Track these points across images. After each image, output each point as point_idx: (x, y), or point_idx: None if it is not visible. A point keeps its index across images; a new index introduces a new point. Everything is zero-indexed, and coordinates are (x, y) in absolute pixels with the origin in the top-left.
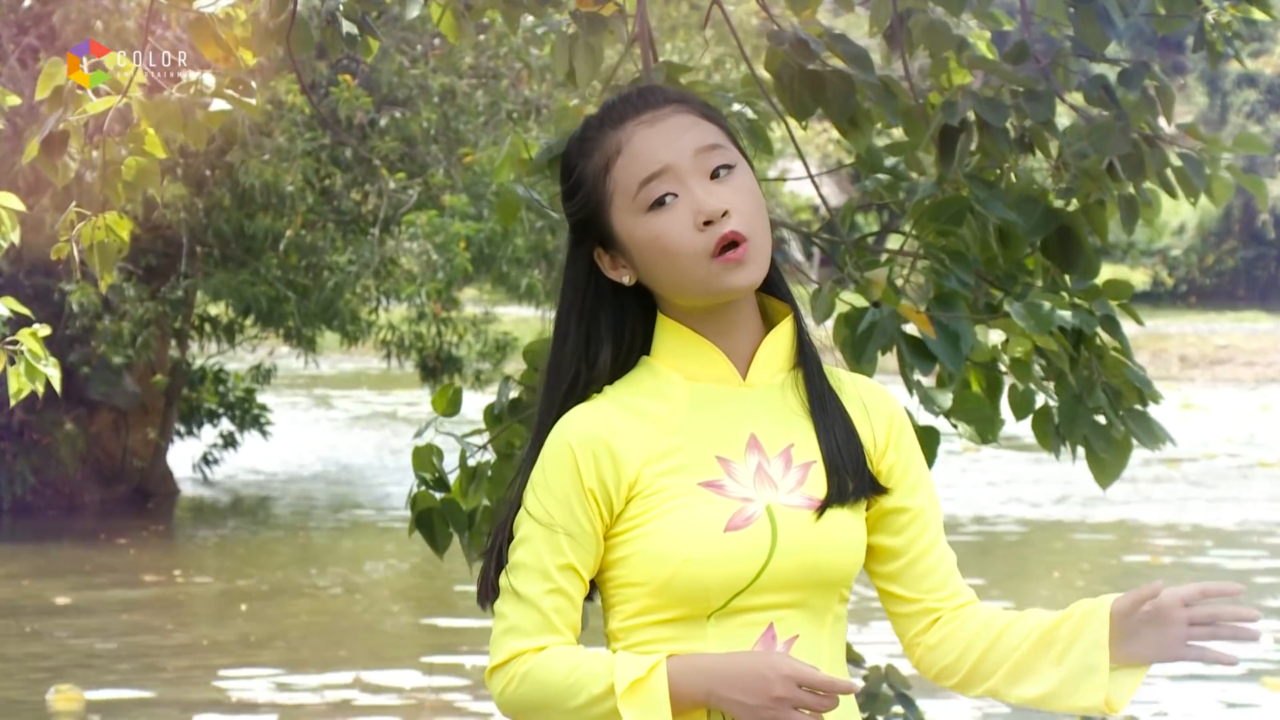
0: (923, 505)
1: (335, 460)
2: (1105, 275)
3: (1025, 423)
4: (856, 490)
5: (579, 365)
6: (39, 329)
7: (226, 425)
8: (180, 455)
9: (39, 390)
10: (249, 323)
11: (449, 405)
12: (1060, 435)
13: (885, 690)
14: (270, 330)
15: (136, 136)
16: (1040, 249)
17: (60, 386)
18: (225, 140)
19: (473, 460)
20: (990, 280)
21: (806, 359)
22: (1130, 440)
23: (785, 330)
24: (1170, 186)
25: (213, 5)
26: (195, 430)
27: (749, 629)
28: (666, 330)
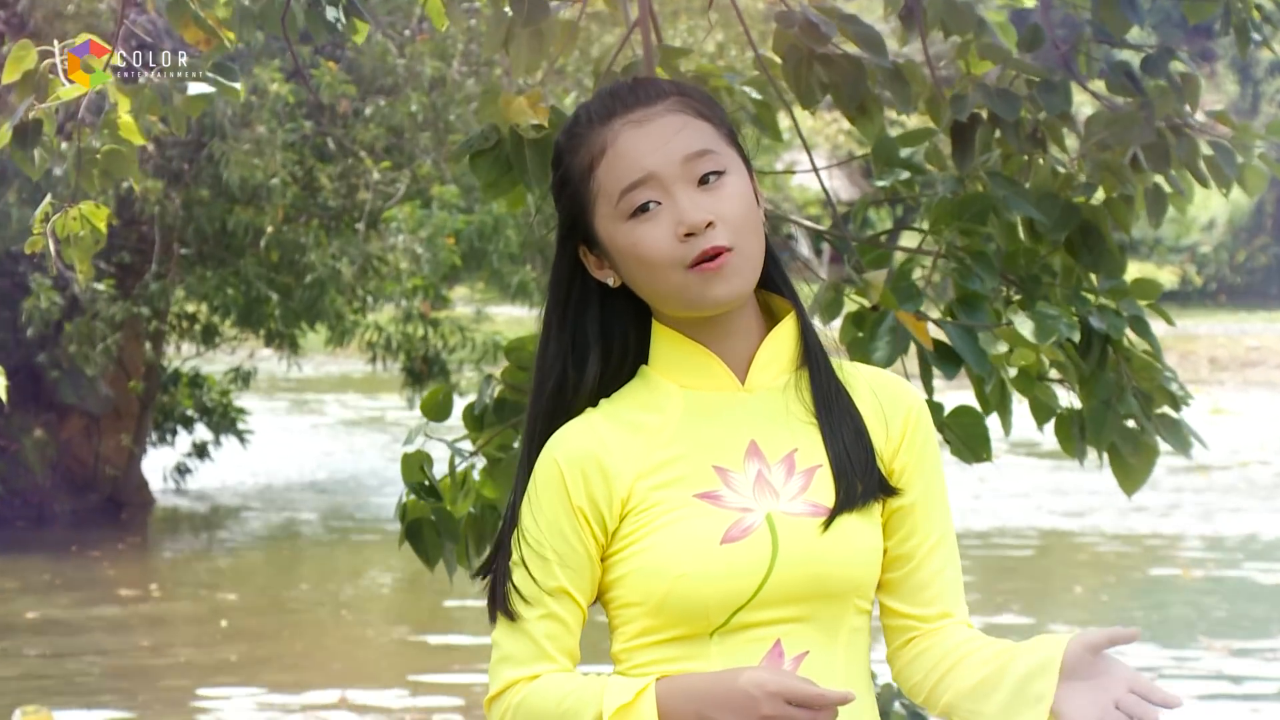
0: (926, 510)
1: (319, 467)
2: (1131, 274)
3: (1026, 426)
4: (865, 492)
5: (565, 368)
6: None
7: (203, 432)
8: (155, 463)
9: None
10: (228, 323)
11: (439, 409)
12: (1085, 440)
13: (898, 709)
14: (250, 331)
15: (111, 123)
16: (1064, 247)
17: (33, 389)
18: (201, 130)
19: (461, 466)
20: (1013, 281)
21: (811, 357)
22: (1156, 445)
23: (786, 330)
24: (1201, 175)
25: None
26: (170, 437)
27: (754, 646)
28: (660, 337)
